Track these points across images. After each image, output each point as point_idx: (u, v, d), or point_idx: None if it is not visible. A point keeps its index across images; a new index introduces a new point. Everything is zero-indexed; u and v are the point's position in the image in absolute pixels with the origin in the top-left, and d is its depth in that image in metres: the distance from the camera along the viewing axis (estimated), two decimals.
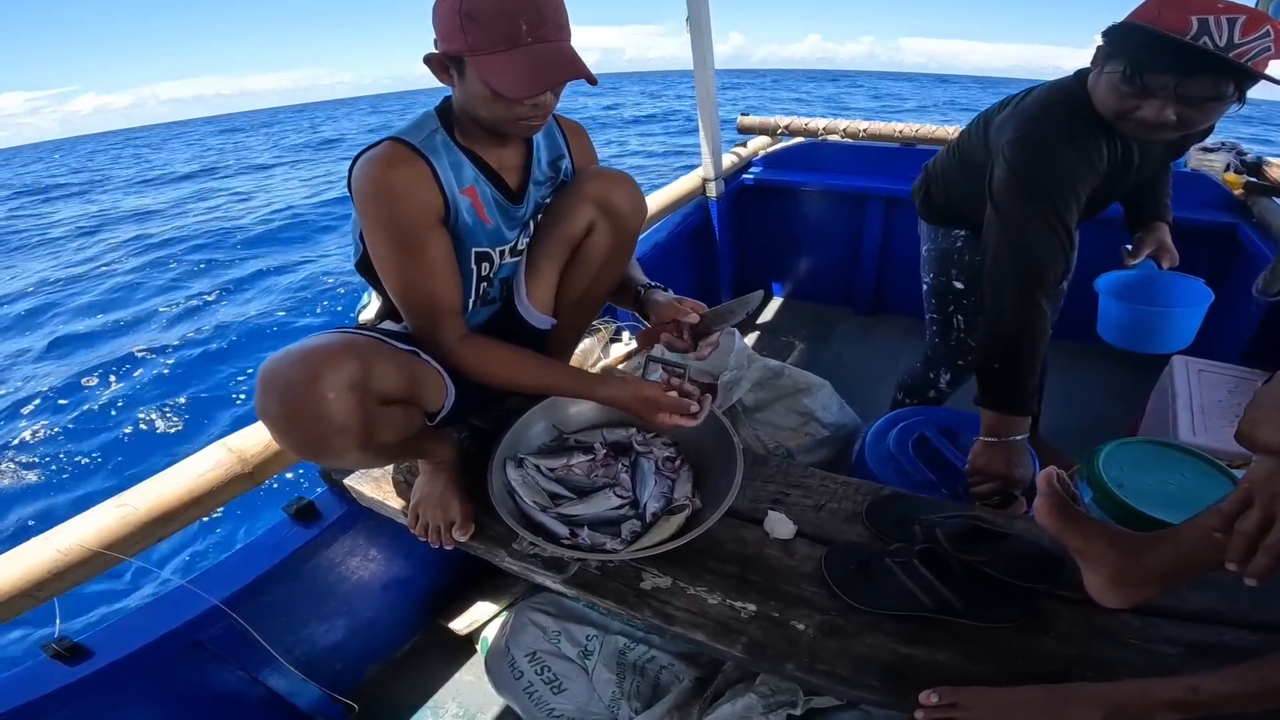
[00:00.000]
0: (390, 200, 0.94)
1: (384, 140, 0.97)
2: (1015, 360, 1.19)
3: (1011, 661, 0.84)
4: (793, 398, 1.49)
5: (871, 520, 1.06)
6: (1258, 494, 0.63)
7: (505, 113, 0.93)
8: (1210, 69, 0.97)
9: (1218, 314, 2.29)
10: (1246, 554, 0.63)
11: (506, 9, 0.86)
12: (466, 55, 0.88)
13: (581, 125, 1.21)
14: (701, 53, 2.21)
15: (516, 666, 1.28)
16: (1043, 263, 1.15)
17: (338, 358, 0.83)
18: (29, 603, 1.00)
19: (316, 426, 0.83)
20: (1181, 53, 0.97)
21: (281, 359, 0.83)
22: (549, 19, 0.88)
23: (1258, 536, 0.62)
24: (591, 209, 1.10)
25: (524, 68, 0.87)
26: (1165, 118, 1.04)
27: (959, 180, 1.43)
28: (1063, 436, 1.99)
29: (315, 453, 0.88)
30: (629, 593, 0.97)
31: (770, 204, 2.89)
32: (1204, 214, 2.30)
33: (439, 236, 0.99)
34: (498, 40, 0.86)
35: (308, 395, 0.81)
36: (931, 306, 1.59)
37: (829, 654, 0.87)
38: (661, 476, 1.11)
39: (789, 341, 2.77)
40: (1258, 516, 0.62)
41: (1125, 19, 1.05)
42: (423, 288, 0.99)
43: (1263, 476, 0.63)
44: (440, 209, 0.99)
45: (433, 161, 0.97)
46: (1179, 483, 1.07)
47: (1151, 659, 0.83)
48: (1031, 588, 0.90)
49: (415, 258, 0.97)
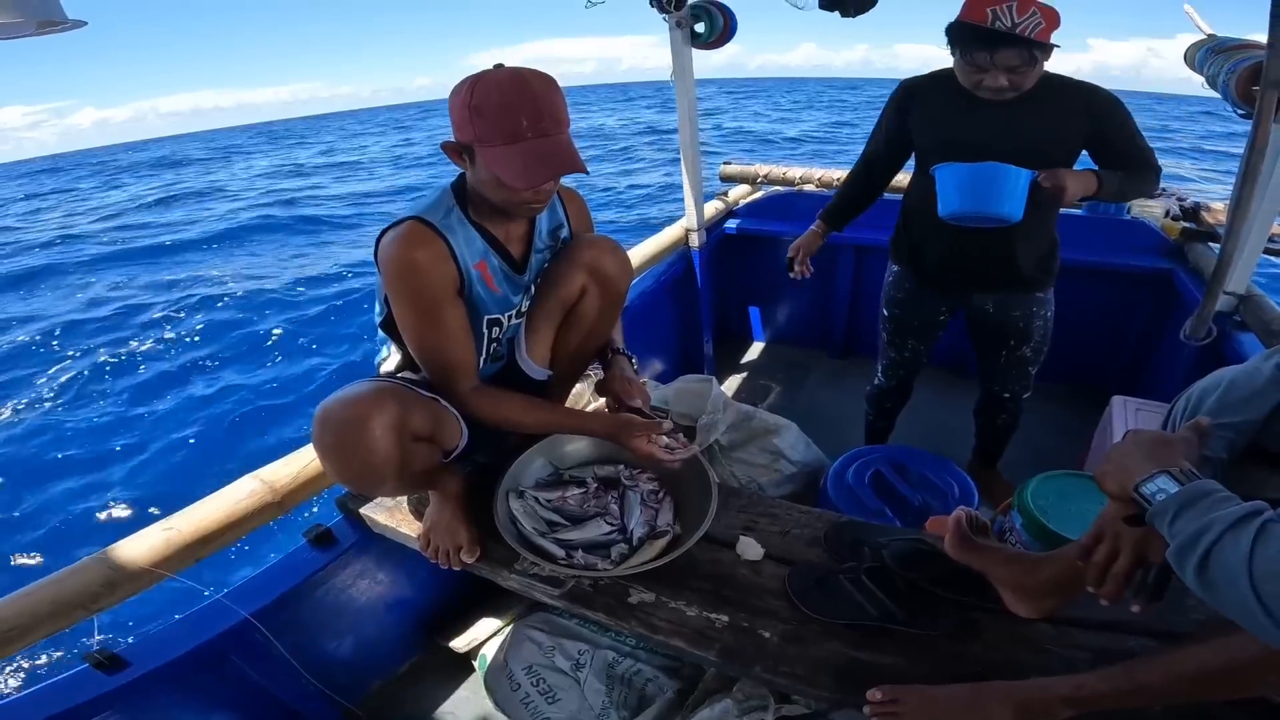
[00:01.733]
0: (413, 278, 1.08)
1: (407, 219, 1.10)
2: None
3: (945, 664, 0.98)
4: (763, 438, 1.65)
5: (829, 544, 1.21)
6: (1106, 532, 0.79)
7: (511, 197, 1.07)
8: (1008, 43, 1.31)
9: (1154, 355, 2.47)
10: (1099, 580, 0.79)
11: (507, 105, 0.98)
12: (475, 145, 1.02)
13: (578, 192, 1.37)
14: (685, 108, 2.33)
15: (514, 679, 1.40)
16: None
17: (383, 402, 1.01)
18: (83, 614, 1.11)
19: (364, 458, 1.01)
20: (985, 37, 1.32)
21: (335, 403, 1.01)
22: (546, 114, 1.00)
23: (1106, 566, 0.78)
24: (583, 275, 1.26)
25: (523, 161, 1.00)
26: (1000, 83, 1.37)
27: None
28: (1016, 470, 2.13)
29: (359, 479, 1.06)
30: (618, 606, 1.11)
31: (749, 252, 3.03)
32: (1141, 260, 2.44)
33: (456, 307, 1.15)
34: (500, 134, 0.99)
35: (360, 432, 0.99)
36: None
37: (790, 658, 1.01)
38: (646, 506, 1.25)
39: (767, 384, 2.91)
40: (1105, 550, 0.78)
41: (954, 20, 1.37)
42: (441, 351, 1.15)
43: (1109, 518, 0.79)
44: (457, 282, 1.14)
45: (450, 240, 1.11)
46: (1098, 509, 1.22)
47: (1064, 662, 0.97)
48: (963, 600, 1.05)
49: (435, 326, 1.12)
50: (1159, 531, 0.67)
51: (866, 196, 1.79)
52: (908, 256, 1.74)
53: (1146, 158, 1.44)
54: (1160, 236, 2.52)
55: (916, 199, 1.67)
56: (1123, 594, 0.77)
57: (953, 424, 2.39)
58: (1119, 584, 0.77)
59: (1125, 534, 0.76)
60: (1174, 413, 0.99)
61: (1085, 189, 1.39)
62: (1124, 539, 0.76)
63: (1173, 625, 1.02)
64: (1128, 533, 0.76)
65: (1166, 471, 0.69)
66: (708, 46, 2.27)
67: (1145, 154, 1.44)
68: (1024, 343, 1.73)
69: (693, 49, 2.24)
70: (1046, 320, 1.71)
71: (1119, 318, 2.55)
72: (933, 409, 2.43)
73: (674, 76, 2.27)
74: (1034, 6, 1.27)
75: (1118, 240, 2.54)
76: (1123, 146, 1.44)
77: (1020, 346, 1.73)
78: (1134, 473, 0.71)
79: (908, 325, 1.81)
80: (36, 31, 1.11)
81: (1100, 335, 2.59)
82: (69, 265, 10.51)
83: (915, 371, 1.93)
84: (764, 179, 3.37)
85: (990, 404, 1.93)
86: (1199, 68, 1.74)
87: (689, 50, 2.23)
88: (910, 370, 1.92)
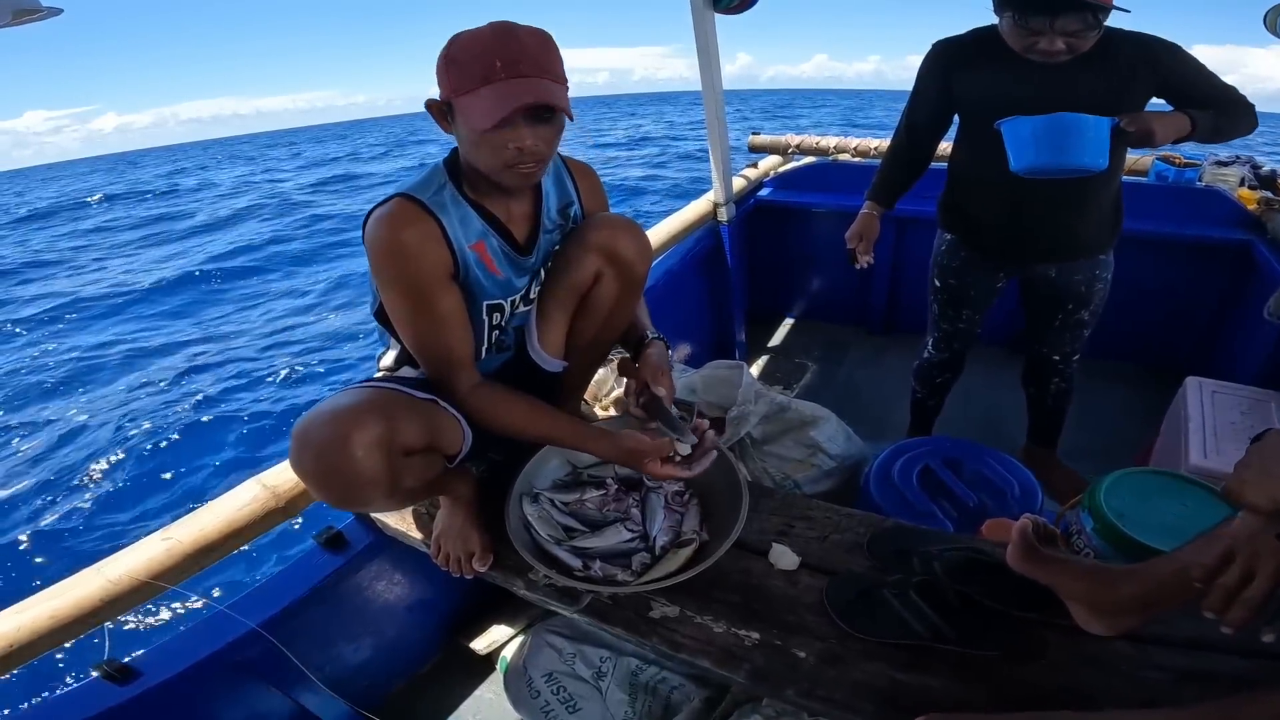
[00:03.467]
0: (401, 260, 0.98)
1: (394, 197, 1.00)
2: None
3: (1002, 688, 0.88)
4: (799, 430, 1.54)
5: (873, 552, 1.10)
6: (1240, 550, 0.66)
7: (492, 157, 0.95)
8: (1071, 7, 1.23)
9: (1231, 333, 2.29)
10: (1225, 605, 0.67)
11: (482, 49, 0.89)
12: (452, 98, 0.93)
13: (590, 167, 1.24)
14: (710, 77, 2.21)
15: (534, 686, 1.34)
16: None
17: (364, 418, 0.90)
18: (81, 628, 1.07)
19: (347, 481, 0.90)
20: (1045, 1, 1.24)
21: (313, 419, 0.91)
22: (526, 56, 0.90)
23: (1237, 590, 0.66)
24: (598, 258, 1.13)
25: (492, 99, 0.89)
26: (1056, 47, 1.28)
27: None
28: (1080, 457, 2.00)
29: (346, 502, 0.96)
30: (639, 621, 1.02)
31: (781, 225, 2.92)
32: (1217, 231, 2.28)
33: (450, 292, 1.04)
34: (473, 79, 0.90)
35: (338, 454, 0.88)
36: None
37: (828, 680, 0.91)
38: (670, 511, 1.16)
39: (801, 363, 2.80)
40: (1239, 572, 0.66)
41: None
42: (435, 341, 1.05)
43: (1246, 534, 0.66)
44: (450, 265, 1.03)
45: (441, 219, 1.00)
46: (1179, 512, 1.09)
47: (1138, 686, 0.86)
48: (1024, 616, 0.93)
49: (427, 313, 1.02)
50: None
51: (914, 169, 1.68)
52: (962, 225, 1.64)
53: (1230, 94, 1.32)
54: (1236, 205, 2.34)
55: (965, 166, 1.57)
56: (1252, 620, 0.66)
57: (1004, 405, 2.26)
58: (1251, 610, 0.65)
59: (1268, 554, 0.64)
60: None
61: (1178, 130, 1.27)
62: (1264, 560, 0.64)
63: (1274, 646, 0.89)
64: (1271, 552, 0.64)
65: None
66: (729, 11, 2.12)
67: (1227, 90, 1.32)
68: (1083, 307, 1.63)
69: (714, 14, 2.11)
70: (1107, 283, 1.62)
71: (1192, 293, 2.39)
72: (982, 390, 2.30)
73: (696, 45, 2.14)
74: None
75: (1190, 210, 2.36)
76: (1201, 89, 1.32)
77: (1079, 310, 1.64)
78: None
79: (962, 295, 1.71)
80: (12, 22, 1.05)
81: (1171, 312, 2.43)
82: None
83: (969, 344, 1.84)
84: (796, 149, 3.21)
85: (1040, 369, 1.82)
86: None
87: (711, 15, 2.09)
88: (965, 342, 1.82)
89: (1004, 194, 1.47)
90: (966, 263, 1.66)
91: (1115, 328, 1.70)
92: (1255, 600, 0.65)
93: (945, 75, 1.48)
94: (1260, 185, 2.48)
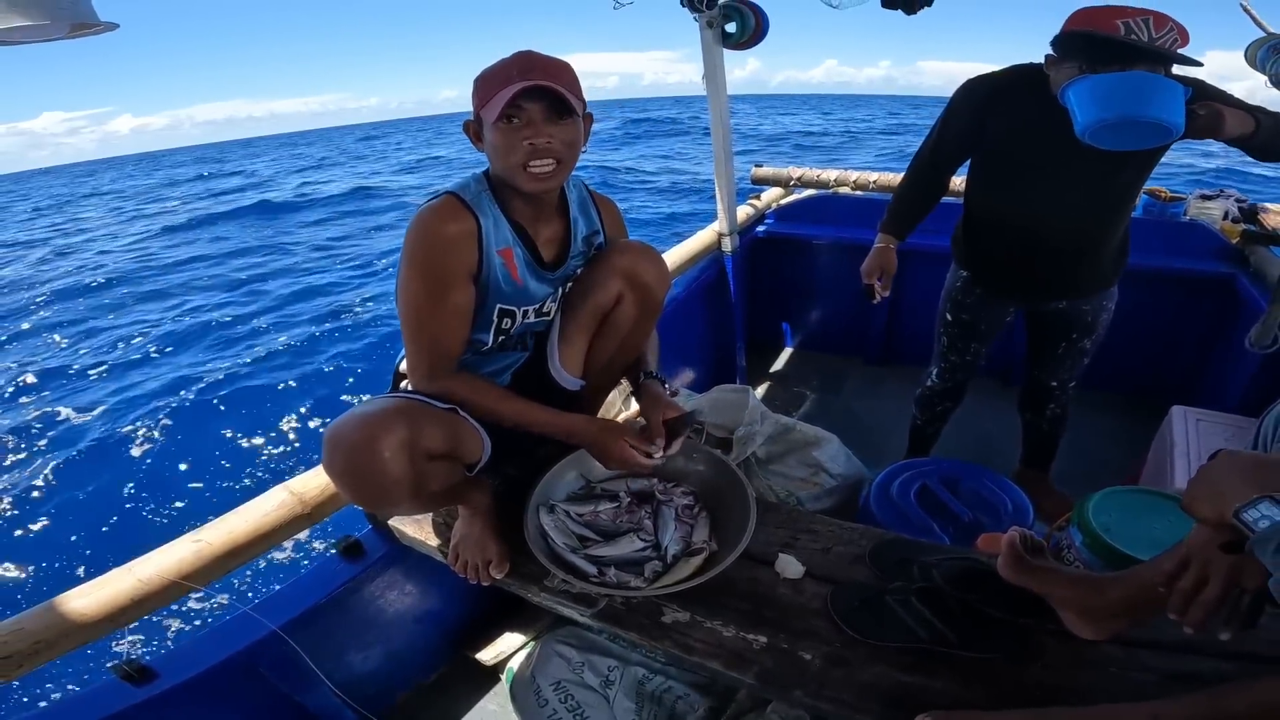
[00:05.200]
0: (435, 248, 1.07)
1: (445, 193, 1.10)
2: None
3: (1001, 688, 0.92)
4: (803, 450, 1.59)
5: (875, 562, 1.15)
6: (1194, 557, 0.73)
7: (509, 154, 1.03)
8: (1144, 58, 1.20)
9: (1215, 363, 2.36)
10: (1184, 607, 0.73)
11: (502, 66, 1.01)
12: (481, 111, 1.03)
13: (612, 200, 1.33)
14: (719, 111, 2.28)
15: (541, 695, 1.37)
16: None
17: (391, 422, 0.96)
18: (110, 626, 1.09)
19: (375, 481, 0.96)
20: (1122, 50, 1.20)
21: (344, 424, 0.97)
22: (538, 66, 1.00)
23: (1193, 593, 0.73)
24: (620, 281, 1.21)
25: (502, 93, 0.98)
26: None
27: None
28: (1069, 482, 2.05)
29: (373, 503, 1.02)
30: (651, 626, 1.06)
31: (783, 256, 2.98)
32: (1201, 264, 2.35)
33: (464, 291, 1.11)
34: (493, 87, 1.00)
35: (368, 455, 0.95)
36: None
37: (834, 682, 0.95)
38: (681, 522, 1.21)
39: (800, 391, 2.84)
40: (1193, 576, 0.73)
41: (1065, 30, 1.26)
42: (430, 329, 1.11)
43: (1199, 544, 0.73)
44: (474, 267, 1.11)
45: (480, 220, 1.09)
46: (1165, 526, 1.14)
47: (1131, 686, 0.91)
48: (1020, 622, 0.98)
49: (437, 303, 1.09)
50: (1260, 560, 0.62)
51: (930, 201, 1.68)
52: (977, 262, 1.68)
53: (1268, 111, 1.28)
54: (1220, 239, 2.42)
55: (983, 207, 1.61)
56: (1208, 622, 0.72)
57: (996, 433, 2.32)
58: (1206, 612, 0.72)
59: (1217, 560, 0.71)
60: (1263, 429, 0.92)
61: (1242, 126, 1.23)
62: (1215, 565, 0.71)
63: (1254, 647, 0.95)
64: (1219, 559, 0.71)
65: (1270, 497, 0.63)
66: (739, 47, 2.21)
67: (1265, 110, 1.28)
68: (1087, 335, 1.68)
69: (724, 49, 2.20)
70: (1110, 313, 1.67)
71: (1177, 324, 2.46)
72: (975, 418, 2.36)
73: (704, 78, 2.23)
74: (1170, 22, 1.19)
75: (1176, 243, 2.44)
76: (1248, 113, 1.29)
77: (1082, 339, 1.69)
78: (1231, 497, 0.66)
79: (973, 329, 1.76)
80: (69, 35, 1.11)
81: (1157, 342, 2.50)
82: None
83: (972, 374, 1.89)
84: (797, 181, 3.30)
85: (1038, 394, 1.87)
86: (1260, 66, 1.67)
87: (720, 50, 2.19)
88: (968, 373, 1.87)
89: (1022, 236, 1.49)
90: (981, 299, 1.70)
91: (1103, 358, 1.75)
92: (1209, 602, 0.71)
93: (979, 113, 1.46)
94: (1243, 219, 2.55)
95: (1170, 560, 0.76)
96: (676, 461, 1.32)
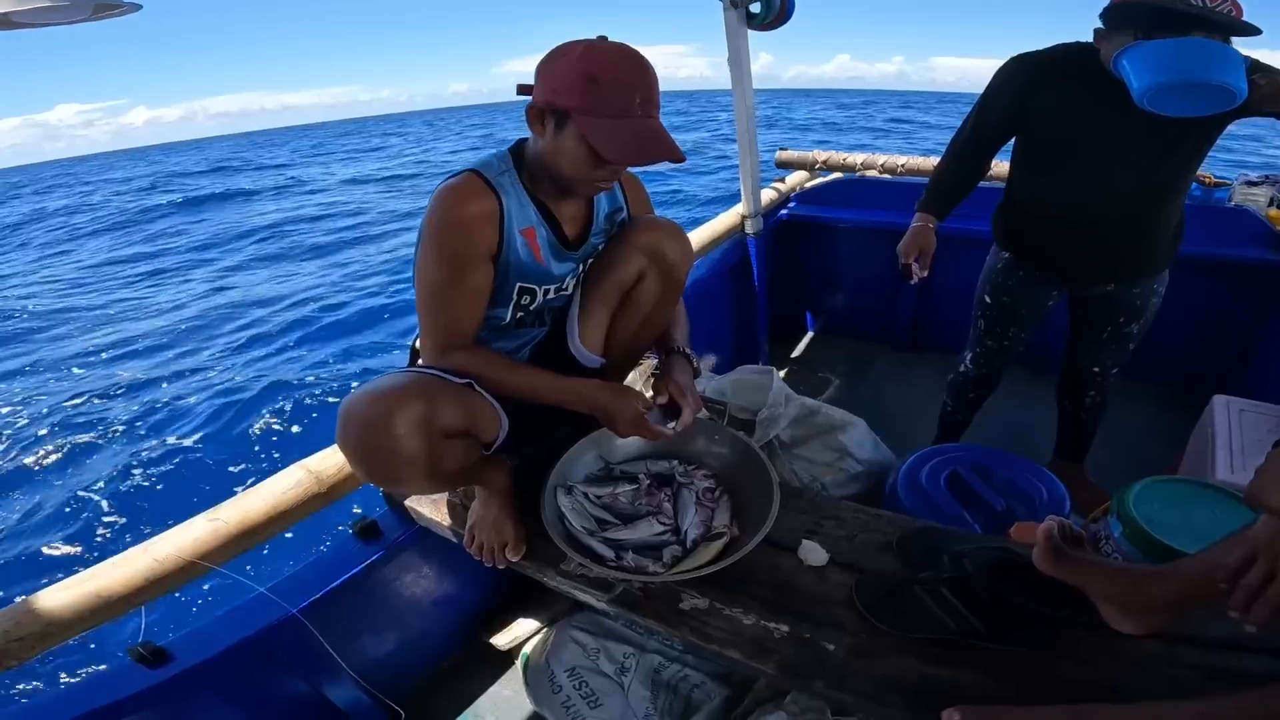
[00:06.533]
0: (451, 229, 1.04)
1: (466, 171, 1.07)
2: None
3: (1033, 684, 0.88)
4: (828, 434, 1.55)
5: (902, 551, 1.11)
6: (1262, 551, 0.68)
7: (587, 173, 1.02)
8: (1201, 25, 1.14)
9: (1259, 353, 2.27)
10: (1248, 603, 0.69)
11: (626, 82, 0.96)
12: (578, 113, 0.97)
13: (638, 177, 1.30)
14: (742, 92, 2.23)
15: (556, 681, 1.35)
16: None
17: (407, 398, 0.94)
18: (126, 606, 1.08)
19: (390, 458, 0.94)
20: (1179, 16, 1.14)
21: (358, 399, 0.95)
22: (653, 99, 0.99)
23: (1260, 589, 0.68)
24: (643, 258, 1.18)
25: (628, 139, 0.97)
26: None
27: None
28: (1105, 475, 1.99)
29: (388, 480, 0.99)
30: (669, 612, 1.04)
31: (808, 240, 2.93)
32: (1246, 250, 2.27)
33: (483, 271, 1.09)
34: (612, 107, 0.96)
35: (382, 432, 0.92)
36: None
37: (857, 673, 0.92)
38: (702, 506, 1.18)
39: (825, 377, 2.79)
40: (1261, 572, 0.68)
41: (1115, 1, 1.23)
42: (448, 309, 1.09)
43: (1268, 536, 0.68)
44: (494, 247, 1.09)
45: (503, 199, 1.07)
46: (1207, 518, 1.09)
47: (1170, 683, 0.86)
48: (1055, 614, 0.94)
49: (453, 282, 1.07)
50: None
51: (972, 180, 1.62)
52: (1021, 245, 1.62)
53: None
54: (1266, 226, 2.33)
55: (1026, 190, 1.55)
56: (1273, 618, 0.68)
57: (1029, 423, 2.25)
58: (1273, 609, 0.67)
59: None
60: None
61: None
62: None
63: None
64: None
65: None
66: (764, 28, 2.16)
67: None
68: (1134, 320, 1.61)
69: (749, 31, 2.15)
70: (1161, 297, 1.60)
71: (1220, 313, 2.37)
72: (1008, 407, 2.30)
73: (729, 60, 2.18)
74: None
75: (1219, 229, 2.34)
76: None
77: (1130, 324, 1.62)
78: None
79: (1014, 313, 1.69)
80: (92, 16, 1.10)
81: (1199, 332, 2.41)
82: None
83: (1009, 360, 1.82)
84: (822, 165, 3.24)
85: (1079, 381, 1.80)
86: None
87: (745, 31, 2.13)
88: (1005, 359, 1.81)
89: (1070, 219, 1.43)
90: (1023, 281, 1.63)
91: (1143, 348, 1.68)
92: (1277, 599, 0.67)
93: (1023, 91, 1.41)
94: None
95: (1236, 553, 0.71)
96: (698, 443, 1.29)
